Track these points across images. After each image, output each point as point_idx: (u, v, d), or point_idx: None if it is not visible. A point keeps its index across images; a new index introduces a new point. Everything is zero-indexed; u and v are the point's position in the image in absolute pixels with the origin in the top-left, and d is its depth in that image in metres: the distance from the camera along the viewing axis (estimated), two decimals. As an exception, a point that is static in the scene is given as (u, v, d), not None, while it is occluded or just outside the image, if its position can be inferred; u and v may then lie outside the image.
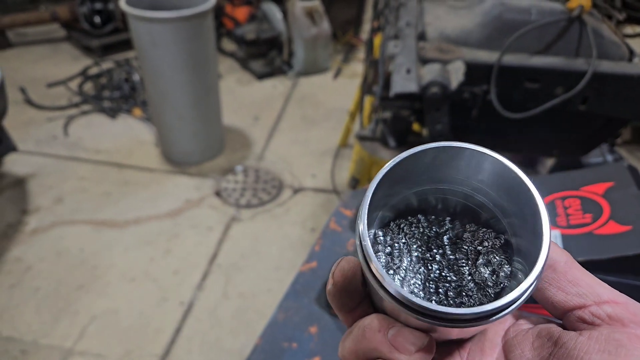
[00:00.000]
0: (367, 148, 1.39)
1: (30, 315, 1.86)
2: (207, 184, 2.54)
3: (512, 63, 1.20)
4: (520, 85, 1.22)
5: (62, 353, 1.74)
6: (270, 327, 0.80)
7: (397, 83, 1.09)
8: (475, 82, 1.21)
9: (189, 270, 2.06)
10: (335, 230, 0.98)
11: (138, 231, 2.24)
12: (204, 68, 2.40)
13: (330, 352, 0.76)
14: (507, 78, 1.21)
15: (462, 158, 0.31)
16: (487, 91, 1.22)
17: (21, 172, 2.58)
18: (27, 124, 2.95)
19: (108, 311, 1.88)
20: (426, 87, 1.11)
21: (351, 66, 3.77)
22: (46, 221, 2.28)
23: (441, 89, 1.10)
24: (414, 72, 1.12)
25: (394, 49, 1.22)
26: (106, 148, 2.77)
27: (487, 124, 1.32)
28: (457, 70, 1.14)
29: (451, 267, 0.32)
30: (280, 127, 3.04)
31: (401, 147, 1.34)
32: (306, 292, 0.86)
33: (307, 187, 2.55)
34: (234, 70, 3.68)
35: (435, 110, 1.15)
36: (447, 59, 1.19)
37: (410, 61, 1.15)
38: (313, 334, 0.79)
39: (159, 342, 1.78)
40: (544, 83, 1.21)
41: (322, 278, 0.88)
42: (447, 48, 1.23)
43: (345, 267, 0.32)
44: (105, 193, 2.45)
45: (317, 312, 0.82)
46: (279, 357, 0.75)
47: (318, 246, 0.95)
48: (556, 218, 0.73)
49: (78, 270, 2.04)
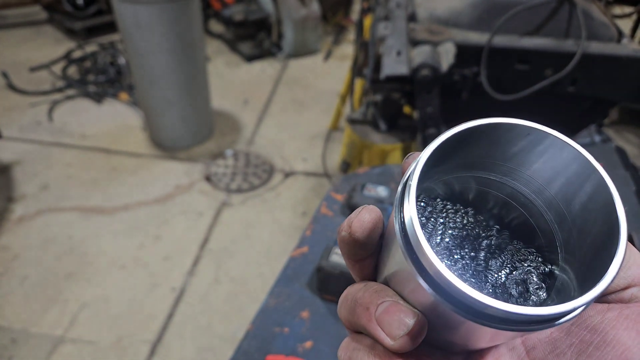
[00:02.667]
0: (358, 131, 1.37)
1: (19, 304, 1.84)
2: (197, 169, 2.51)
3: (503, 44, 1.19)
4: (510, 66, 1.22)
5: (53, 341, 1.73)
6: (262, 313, 0.80)
7: (388, 65, 1.08)
8: (466, 64, 1.20)
9: (180, 256, 2.05)
10: (327, 215, 0.97)
11: (127, 217, 2.22)
12: (191, 50, 2.35)
13: (322, 337, 0.76)
14: (497, 60, 1.20)
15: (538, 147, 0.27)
16: (477, 73, 1.21)
17: (5, 158, 2.53)
18: (10, 109, 2.89)
19: (98, 298, 1.87)
20: (417, 69, 1.09)
21: (341, 48, 3.73)
22: (32, 209, 2.24)
23: (432, 72, 1.09)
24: (404, 55, 1.10)
25: (384, 30, 1.20)
26: (92, 133, 2.73)
27: (476, 105, 1.31)
28: (447, 52, 1.13)
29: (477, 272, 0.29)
30: (270, 111, 3.01)
31: (392, 130, 1.33)
32: (297, 277, 0.86)
33: (298, 171, 2.54)
34: (222, 52, 3.61)
35: (426, 93, 1.14)
36: (437, 41, 1.18)
37: (400, 43, 1.14)
38: (304, 318, 0.79)
39: (150, 328, 1.78)
40: (533, 64, 1.21)
41: (313, 263, 0.88)
42: (437, 29, 1.22)
43: (366, 218, 0.29)
44: (92, 179, 2.42)
45: (309, 297, 0.82)
46: (270, 342, 0.75)
47: (309, 231, 0.94)
48: None
49: (67, 257, 2.02)
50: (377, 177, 1.07)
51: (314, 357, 0.72)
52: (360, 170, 1.09)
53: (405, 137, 1.34)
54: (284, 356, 0.72)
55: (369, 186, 0.92)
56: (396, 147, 1.32)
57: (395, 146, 1.32)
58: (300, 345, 0.74)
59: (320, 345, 0.74)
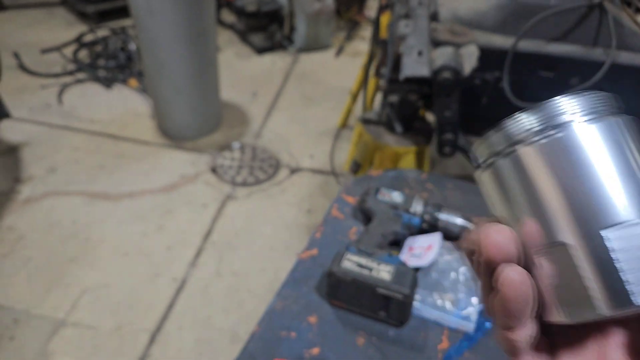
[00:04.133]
0: (371, 132, 1.36)
1: (22, 285, 1.84)
2: (203, 160, 2.51)
3: (528, 49, 1.15)
4: (534, 73, 1.18)
5: (54, 323, 1.73)
6: (269, 315, 0.79)
7: (408, 66, 1.05)
8: (488, 68, 1.16)
9: (183, 247, 2.05)
10: (337, 218, 0.96)
11: (132, 205, 2.21)
12: (203, 39, 2.34)
13: (329, 344, 0.74)
14: (521, 65, 1.16)
15: None
16: (499, 78, 1.17)
17: (14, 139, 2.53)
18: (20, 90, 2.88)
19: (100, 284, 1.87)
20: (438, 71, 1.06)
21: (354, 44, 3.71)
22: (39, 191, 2.24)
23: (453, 74, 1.06)
24: (425, 55, 1.08)
25: (405, 29, 1.17)
26: (101, 118, 2.72)
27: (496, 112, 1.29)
28: (470, 55, 1.10)
29: None
30: (279, 105, 2.99)
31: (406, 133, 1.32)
32: (305, 280, 0.84)
33: (305, 168, 2.53)
34: (232, 43, 3.60)
35: (445, 96, 1.11)
36: (459, 42, 1.15)
37: (422, 43, 1.11)
38: (312, 323, 0.77)
39: (150, 317, 1.78)
40: (559, 72, 1.17)
41: (322, 266, 0.86)
42: (460, 30, 1.19)
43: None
44: (99, 165, 2.42)
45: (317, 302, 0.81)
46: (277, 346, 0.74)
47: (319, 233, 0.93)
48: None
49: (70, 242, 2.02)
50: (391, 181, 1.06)
51: None
52: (373, 173, 1.08)
53: (420, 140, 1.33)
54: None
55: (383, 190, 0.91)
56: (410, 150, 1.30)
57: (409, 149, 1.30)
58: (307, 351, 0.73)
59: (327, 352, 0.73)
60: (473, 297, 0.77)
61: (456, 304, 0.76)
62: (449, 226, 0.87)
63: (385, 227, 0.84)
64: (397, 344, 0.75)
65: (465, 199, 1.03)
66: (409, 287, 0.71)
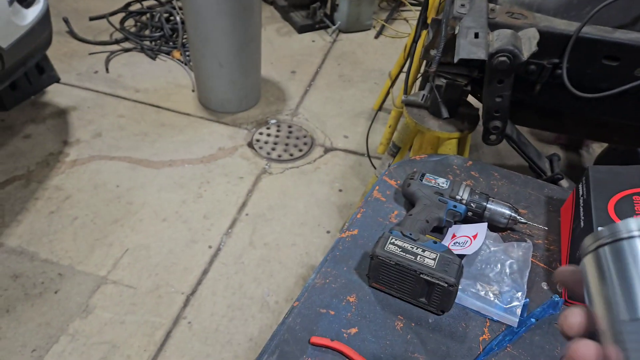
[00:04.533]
0: (414, 115, 1.35)
1: (67, 242, 1.95)
2: (241, 134, 2.56)
3: (592, 35, 1.07)
4: (596, 62, 1.10)
5: (96, 280, 1.83)
6: (308, 292, 0.80)
7: (464, 48, 1.01)
8: (546, 53, 1.10)
9: (219, 216, 2.12)
10: (379, 200, 0.99)
11: (172, 173, 2.29)
12: (247, 15, 2.36)
13: (367, 325, 0.75)
14: (582, 52, 1.09)
15: None
16: (556, 65, 1.11)
17: (63, 103, 2.63)
18: (69, 56, 2.98)
19: (140, 246, 1.96)
20: (494, 54, 1.02)
21: (394, 25, 3.66)
22: (85, 154, 2.34)
23: (511, 59, 1.01)
24: (483, 37, 1.03)
25: (461, 9, 1.14)
26: (145, 88, 2.80)
27: (547, 101, 1.24)
28: (530, 39, 1.05)
29: None
30: (317, 84, 3.01)
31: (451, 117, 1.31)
32: (346, 260, 0.86)
33: (339, 148, 2.56)
34: (274, 19, 3.60)
35: (497, 82, 1.09)
36: (518, 25, 1.10)
37: (479, 25, 1.06)
38: (351, 303, 0.79)
39: (186, 281, 1.86)
40: (624, 62, 1.09)
41: (362, 247, 0.88)
42: (519, 13, 1.14)
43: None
44: (142, 132, 2.50)
45: (356, 282, 0.82)
46: (315, 322, 0.76)
47: (360, 214, 0.95)
48: (633, 216, 0.69)
49: (113, 204, 2.12)
50: (434, 165, 1.07)
51: (359, 345, 0.72)
52: (417, 157, 1.10)
53: (464, 126, 1.32)
54: (329, 340, 0.72)
55: (429, 176, 0.92)
56: (453, 136, 1.30)
57: (452, 135, 1.30)
58: (345, 331, 0.74)
59: (365, 333, 0.74)
60: (519, 292, 0.76)
61: (500, 296, 0.76)
62: (496, 217, 0.87)
63: (429, 212, 0.86)
64: (437, 331, 0.75)
65: (511, 189, 1.02)
66: (454, 276, 0.71)
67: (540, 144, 2.67)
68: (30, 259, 1.88)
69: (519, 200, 1.00)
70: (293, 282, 1.90)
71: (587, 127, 1.47)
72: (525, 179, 1.05)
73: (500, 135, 1.21)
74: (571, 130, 1.53)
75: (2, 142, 2.37)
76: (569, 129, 1.49)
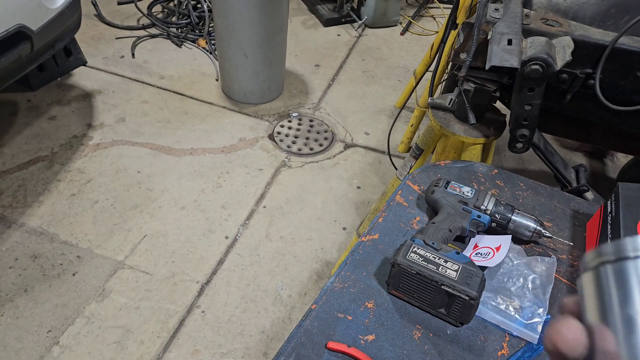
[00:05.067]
0: (439, 119, 1.33)
1: (87, 225, 1.99)
2: (262, 126, 2.56)
3: (628, 47, 1.05)
4: (630, 74, 1.08)
5: (114, 264, 1.86)
6: (327, 295, 0.80)
7: (497, 54, 0.99)
8: (579, 63, 1.08)
9: (236, 207, 2.13)
10: (401, 204, 0.98)
11: (192, 162, 2.31)
12: (275, 6, 2.35)
13: (385, 333, 0.75)
14: (617, 63, 1.07)
15: None
16: (589, 75, 1.09)
17: (88, 86, 2.67)
18: (96, 39, 3.01)
19: (158, 233, 1.99)
20: (527, 62, 1.00)
21: (421, 23, 3.61)
22: (108, 138, 2.38)
23: (543, 67, 0.99)
24: (516, 45, 1.01)
25: (495, 13, 1.12)
26: (169, 75, 2.82)
27: (576, 110, 1.21)
28: (564, 48, 1.02)
29: None
30: (340, 79, 2.99)
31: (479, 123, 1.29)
32: (365, 264, 0.85)
33: (359, 144, 2.54)
34: (300, 11, 3.58)
35: (528, 90, 1.07)
36: (553, 33, 1.07)
37: (513, 30, 1.04)
38: (369, 309, 0.78)
39: (201, 270, 1.88)
40: None
41: (382, 252, 0.87)
42: (554, 20, 1.12)
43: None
44: (165, 119, 2.52)
45: (375, 288, 0.82)
46: (333, 326, 0.75)
47: (381, 218, 0.94)
48: None
49: (134, 190, 2.15)
50: (459, 172, 1.06)
51: (375, 354, 0.72)
52: (441, 163, 1.08)
53: (490, 132, 1.30)
54: (345, 346, 0.72)
55: (454, 184, 0.91)
56: (478, 141, 1.28)
57: (478, 141, 1.28)
58: (362, 338, 0.74)
59: (382, 341, 0.74)
60: (541, 308, 0.75)
61: (521, 311, 0.75)
62: (520, 229, 0.85)
63: (452, 221, 0.84)
64: (455, 343, 0.74)
65: (536, 201, 1.00)
66: (476, 289, 0.70)
67: (564, 150, 2.62)
68: (50, 240, 1.92)
69: (544, 212, 0.98)
70: (307, 276, 1.91)
71: (615, 139, 1.44)
72: (552, 190, 1.03)
73: (527, 143, 1.19)
74: (599, 141, 1.50)
75: (28, 122, 2.42)
76: (596, 139, 1.47)
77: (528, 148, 1.21)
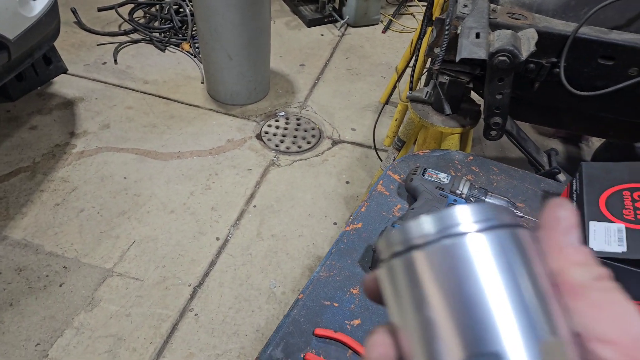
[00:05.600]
0: (418, 111, 1.36)
1: (73, 235, 1.97)
2: (250, 126, 2.57)
3: (589, 36, 1.12)
4: (592, 61, 1.15)
5: (102, 273, 1.85)
6: (313, 284, 0.82)
7: (466, 48, 1.04)
8: (544, 53, 1.14)
9: (226, 208, 2.13)
10: (383, 194, 1.00)
11: (180, 165, 2.31)
12: (258, 8, 2.36)
13: (370, 317, 0.77)
14: (579, 52, 1.13)
15: None
16: (554, 64, 1.15)
17: (70, 94, 2.65)
18: (77, 47, 3.00)
19: (147, 238, 1.99)
20: (494, 54, 1.05)
21: (401, 21, 3.64)
22: (92, 146, 2.37)
23: (510, 58, 1.05)
24: (483, 38, 1.06)
25: (464, 9, 1.16)
26: (154, 80, 2.81)
27: (546, 98, 1.27)
28: (529, 39, 1.08)
29: None
30: (325, 77, 3.01)
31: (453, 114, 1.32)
32: (350, 253, 0.88)
33: (346, 140, 2.56)
34: (283, 13, 3.60)
35: (498, 80, 1.11)
36: (518, 26, 1.13)
37: (480, 25, 1.10)
38: (355, 295, 0.80)
39: (193, 273, 1.88)
40: (618, 61, 1.14)
41: (366, 240, 0.90)
42: (519, 13, 1.17)
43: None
44: (150, 124, 2.52)
45: (360, 274, 0.84)
46: (320, 314, 0.77)
47: (364, 208, 0.96)
48: (623, 210, 0.71)
49: (121, 196, 2.14)
50: (437, 161, 1.08)
51: (362, 337, 0.74)
52: (420, 152, 1.10)
53: (466, 122, 1.33)
54: (332, 331, 0.74)
55: (431, 171, 0.93)
56: (456, 131, 1.31)
57: (455, 130, 1.31)
58: (349, 323, 0.76)
59: (368, 325, 0.76)
60: None
61: None
62: None
63: (430, 206, 0.86)
64: None
65: (509, 184, 1.03)
66: None
67: (540, 137, 2.66)
68: (34, 252, 1.90)
69: (517, 194, 1.01)
70: (300, 272, 1.92)
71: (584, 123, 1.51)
72: (523, 173, 1.07)
73: (500, 131, 1.23)
74: (569, 126, 1.57)
75: (8, 133, 2.40)
76: (567, 124, 1.53)
77: (501, 135, 1.25)
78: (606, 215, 0.72)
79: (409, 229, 0.25)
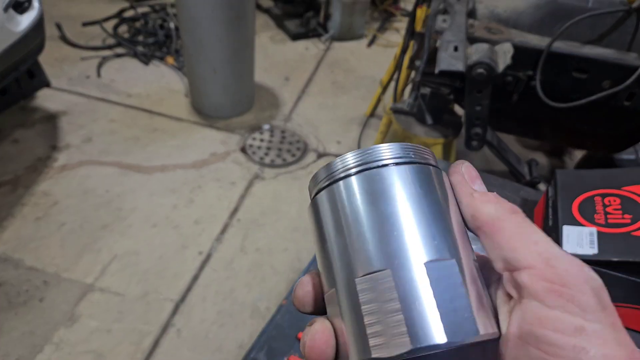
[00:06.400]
0: (401, 122, 1.38)
1: (54, 249, 1.93)
2: (234, 140, 2.56)
3: (562, 50, 1.17)
4: (567, 74, 1.19)
5: (83, 288, 1.81)
6: None
7: (444, 60, 1.07)
8: (521, 66, 1.18)
9: (210, 222, 2.11)
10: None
11: (163, 178, 2.28)
12: (242, 22, 2.37)
13: None
14: (554, 65, 1.18)
15: None
16: (531, 77, 1.19)
17: (53, 108, 2.62)
18: (61, 61, 2.98)
19: (129, 252, 1.95)
20: (472, 67, 1.08)
21: (386, 35, 3.69)
22: (75, 159, 2.33)
23: (487, 71, 1.08)
24: (461, 51, 1.10)
25: (443, 24, 1.19)
26: (137, 93, 2.80)
27: (525, 110, 1.30)
28: (505, 53, 1.12)
29: None
30: (310, 90, 3.02)
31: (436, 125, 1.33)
32: None
33: (331, 153, 2.56)
34: (268, 27, 3.62)
35: (477, 92, 1.13)
36: (495, 40, 1.17)
37: (458, 39, 1.13)
38: None
39: (176, 287, 1.85)
40: (592, 74, 1.18)
41: None
42: (496, 28, 1.21)
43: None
44: (133, 137, 2.49)
45: None
46: (303, 318, 0.78)
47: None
48: (594, 215, 0.73)
49: (103, 209, 2.10)
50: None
51: None
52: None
53: (449, 133, 1.35)
54: None
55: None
56: (438, 141, 1.32)
57: (438, 141, 1.32)
58: None
59: None
60: None
61: None
62: None
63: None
64: None
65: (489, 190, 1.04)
66: None
67: (525, 150, 2.69)
68: (14, 267, 1.85)
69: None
70: (285, 287, 1.89)
71: (562, 134, 1.55)
72: (503, 181, 1.08)
73: (481, 141, 1.26)
74: (548, 137, 1.61)
75: (-9, 146, 2.36)
76: (546, 136, 1.57)
77: (482, 146, 1.28)
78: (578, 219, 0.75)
79: (335, 164, 0.28)
